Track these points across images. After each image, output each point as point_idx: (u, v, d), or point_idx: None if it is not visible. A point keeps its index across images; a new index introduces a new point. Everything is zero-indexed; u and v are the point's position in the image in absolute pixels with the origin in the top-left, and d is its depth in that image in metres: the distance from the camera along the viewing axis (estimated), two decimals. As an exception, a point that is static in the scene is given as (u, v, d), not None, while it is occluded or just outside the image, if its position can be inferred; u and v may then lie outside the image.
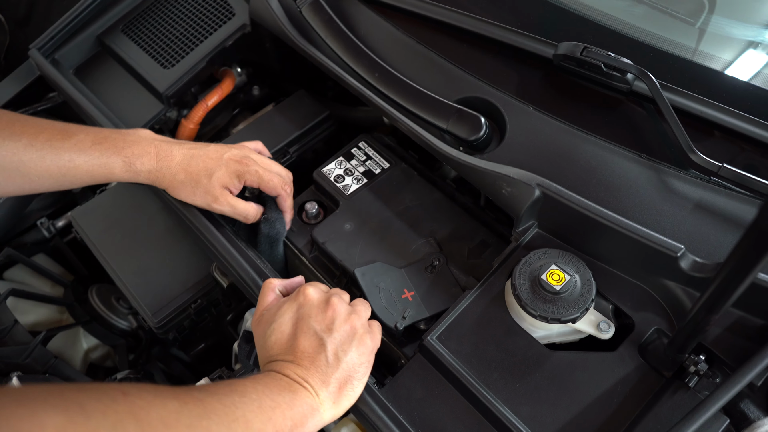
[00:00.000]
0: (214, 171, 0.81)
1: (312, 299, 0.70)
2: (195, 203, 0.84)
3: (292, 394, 0.61)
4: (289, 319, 0.68)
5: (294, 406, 0.60)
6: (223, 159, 0.82)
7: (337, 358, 0.66)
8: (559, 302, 0.70)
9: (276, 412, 0.58)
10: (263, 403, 0.58)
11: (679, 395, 0.67)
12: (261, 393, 0.59)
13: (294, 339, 0.66)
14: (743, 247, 0.40)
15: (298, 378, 0.63)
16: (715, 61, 0.82)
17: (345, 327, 0.69)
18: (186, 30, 1.12)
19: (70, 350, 1.13)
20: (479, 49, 0.91)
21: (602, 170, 0.78)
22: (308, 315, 0.68)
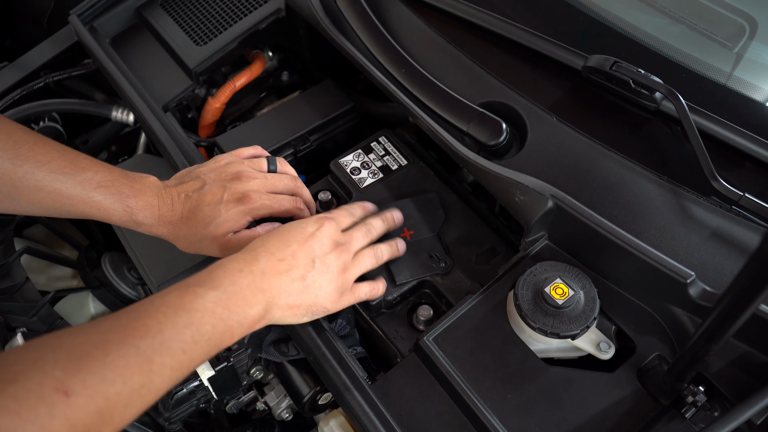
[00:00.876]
0: (214, 219, 0.76)
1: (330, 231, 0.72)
2: (202, 253, 0.80)
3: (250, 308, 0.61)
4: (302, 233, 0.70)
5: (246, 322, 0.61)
6: (222, 203, 0.76)
7: (313, 287, 0.68)
8: (560, 317, 0.69)
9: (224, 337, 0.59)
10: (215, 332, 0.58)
11: (673, 425, 0.65)
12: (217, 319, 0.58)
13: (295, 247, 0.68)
14: (745, 277, 0.38)
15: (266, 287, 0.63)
16: (749, 88, 0.79)
17: (338, 270, 0.70)
18: (222, 9, 1.13)
19: (77, 314, 1.15)
20: (508, 54, 0.90)
21: (620, 188, 0.76)
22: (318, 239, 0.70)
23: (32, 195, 0.66)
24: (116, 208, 0.72)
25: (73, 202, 0.69)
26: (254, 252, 0.66)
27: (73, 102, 1.17)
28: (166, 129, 0.98)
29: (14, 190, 0.66)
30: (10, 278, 1.04)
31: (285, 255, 0.66)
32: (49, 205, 0.68)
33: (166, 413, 0.81)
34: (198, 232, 0.76)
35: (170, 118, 1.06)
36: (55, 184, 0.67)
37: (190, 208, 0.76)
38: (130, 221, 0.74)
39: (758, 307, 0.63)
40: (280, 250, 0.66)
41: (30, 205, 0.68)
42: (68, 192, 0.68)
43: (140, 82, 1.08)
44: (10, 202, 0.67)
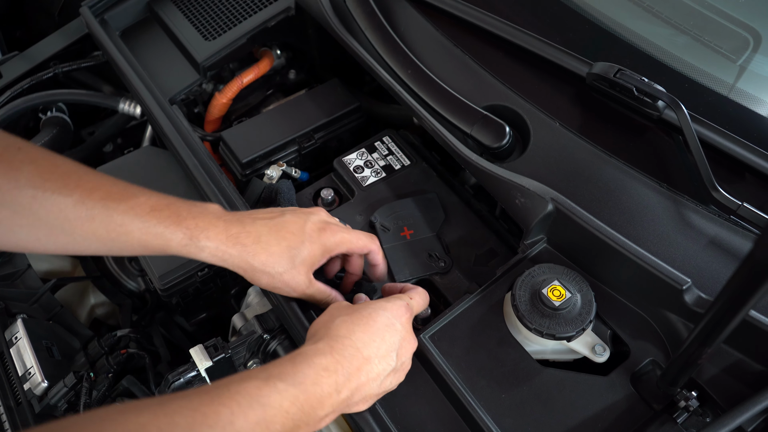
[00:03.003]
0: (298, 252, 0.69)
1: (407, 318, 0.68)
2: (280, 292, 0.73)
3: (322, 408, 0.57)
4: (389, 327, 0.65)
5: (314, 420, 0.57)
6: (305, 232, 0.70)
7: (388, 382, 0.65)
8: (557, 318, 0.69)
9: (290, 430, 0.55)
10: (284, 429, 0.54)
11: (665, 429, 0.66)
12: (289, 418, 0.54)
13: (381, 344, 0.63)
14: (738, 280, 0.39)
15: (348, 388, 0.60)
16: (751, 100, 0.80)
17: (406, 363, 0.68)
18: (232, 6, 1.14)
19: (77, 303, 1.16)
20: (514, 59, 0.91)
21: (620, 194, 0.77)
22: (399, 333, 0.65)
23: (85, 226, 0.61)
24: (174, 232, 0.65)
25: (127, 230, 0.63)
26: (341, 344, 0.61)
27: (81, 93, 1.18)
28: (171, 122, 0.99)
29: (67, 222, 0.61)
30: (12, 265, 1.05)
31: (371, 353, 0.62)
32: (104, 236, 0.62)
33: (163, 402, 0.82)
34: (279, 263, 0.69)
35: (176, 111, 1.07)
36: (107, 211, 0.62)
37: (270, 229, 0.69)
38: (191, 245, 0.66)
39: (751, 315, 0.64)
40: (367, 346, 0.62)
41: (86, 240, 0.63)
42: (120, 219, 0.62)
43: (148, 75, 1.09)
44: (65, 237, 0.62)
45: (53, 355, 0.94)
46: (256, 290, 0.94)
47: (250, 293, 0.94)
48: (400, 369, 0.67)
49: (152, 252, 0.66)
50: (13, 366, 0.90)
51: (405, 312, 0.68)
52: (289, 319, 0.79)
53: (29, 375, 0.88)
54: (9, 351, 0.92)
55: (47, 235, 0.62)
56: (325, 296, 0.75)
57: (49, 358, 0.92)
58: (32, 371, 0.89)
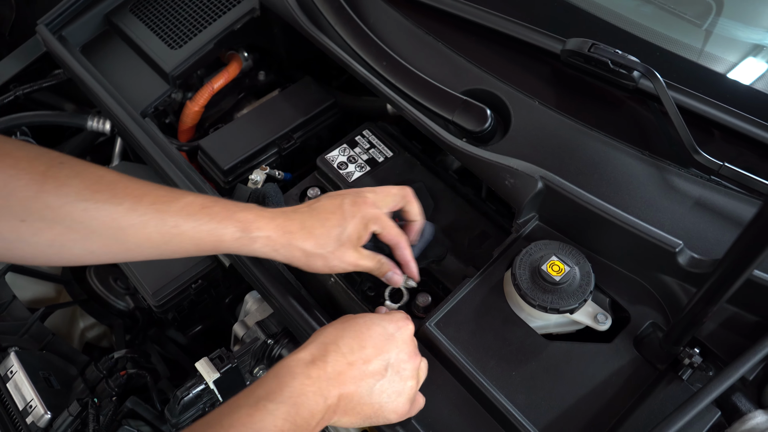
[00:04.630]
0: (343, 230, 0.71)
1: (408, 331, 0.67)
2: (327, 272, 0.75)
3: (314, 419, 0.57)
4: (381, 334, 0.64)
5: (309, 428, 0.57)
6: (344, 209, 0.72)
7: (380, 395, 0.63)
8: (558, 293, 0.71)
9: None
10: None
11: (672, 387, 0.68)
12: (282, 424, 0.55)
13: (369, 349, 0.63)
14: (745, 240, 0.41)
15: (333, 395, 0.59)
16: (720, 62, 0.83)
17: (407, 381, 0.65)
18: (195, 11, 1.12)
19: (67, 328, 1.14)
20: (488, 42, 0.91)
21: (605, 166, 0.79)
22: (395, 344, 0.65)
23: (138, 232, 0.61)
24: (226, 226, 0.66)
25: (181, 230, 0.63)
26: (324, 349, 0.61)
27: (47, 114, 1.15)
28: (148, 135, 0.97)
29: (120, 231, 0.60)
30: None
31: (356, 359, 0.61)
32: (158, 240, 0.63)
33: (174, 419, 0.81)
34: (326, 243, 0.70)
35: (150, 123, 1.05)
36: (159, 215, 0.62)
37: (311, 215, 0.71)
38: (243, 238, 0.67)
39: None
40: (353, 352, 0.62)
41: (139, 247, 0.63)
42: (174, 221, 0.63)
43: (116, 90, 1.07)
44: (119, 246, 0.62)
45: (52, 385, 0.92)
46: (253, 297, 0.93)
47: (247, 300, 0.94)
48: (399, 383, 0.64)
49: (204, 251, 0.67)
50: (12, 401, 0.88)
51: (400, 321, 0.67)
52: (293, 320, 0.79)
53: (30, 408, 0.87)
54: (6, 386, 0.90)
55: (101, 246, 0.61)
56: (376, 262, 0.76)
57: (48, 389, 0.91)
58: (33, 404, 0.87)
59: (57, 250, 0.60)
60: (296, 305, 0.79)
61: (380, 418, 0.65)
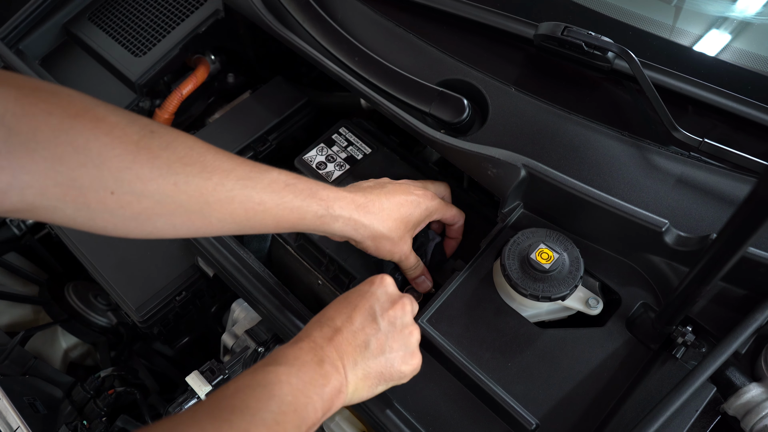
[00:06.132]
0: (412, 217, 0.74)
1: (387, 287, 0.67)
2: (387, 257, 0.76)
3: (323, 380, 0.57)
4: (357, 293, 0.65)
5: (324, 394, 0.57)
6: (413, 196, 0.75)
7: (381, 349, 0.63)
8: (549, 280, 0.71)
9: (309, 409, 0.55)
10: (298, 403, 0.54)
11: (667, 366, 0.68)
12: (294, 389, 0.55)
13: (350, 310, 0.63)
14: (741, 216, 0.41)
15: (333, 358, 0.59)
16: (691, 38, 0.83)
17: (403, 329, 0.65)
18: (157, 16, 1.09)
19: (49, 350, 1.11)
20: (459, 31, 0.90)
21: (585, 149, 0.79)
22: (376, 297, 0.65)
23: (224, 207, 0.60)
24: (310, 204, 0.66)
25: (265, 207, 0.63)
26: (306, 332, 0.62)
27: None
28: (118, 147, 0.94)
29: (206, 206, 0.59)
30: (-28, 325, 0.99)
31: (341, 323, 0.62)
32: (241, 216, 0.62)
33: (167, 436, 0.79)
34: (404, 227, 0.74)
35: (119, 135, 1.02)
36: (245, 191, 0.61)
37: (387, 197, 0.73)
38: (326, 216, 0.68)
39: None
40: (334, 319, 0.63)
41: (221, 222, 0.62)
42: (259, 197, 0.62)
43: (81, 102, 1.04)
44: (202, 220, 0.60)
45: (38, 410, 0.90)
46: (240, 305, 0.92)
47: (234, 309, 0.92)
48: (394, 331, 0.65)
49: (283, 228, 0.67)
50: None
51: (381, 278, 0.67)
52: (282, 326, 0.78)
53: (17, 436, 0.84)
54: (-10, 416, 0.87)
55: (184, 221, 0.59)
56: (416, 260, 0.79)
57: (34, 414, 0.88)
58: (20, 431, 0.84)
59: (140, 223, 0.57)
60: (284, 310, 0.78)
61: (395, 373, 0.64)
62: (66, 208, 0.52)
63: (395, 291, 0.68)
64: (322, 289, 0.86)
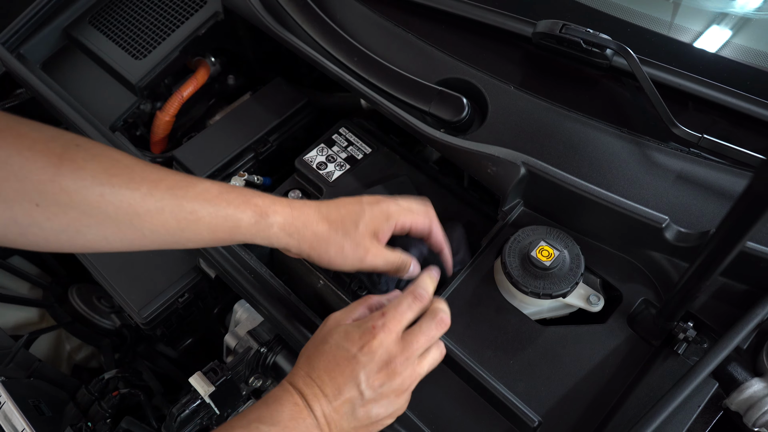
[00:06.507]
0: (360, 216, 0.70)
1: (374, 352, 0.61)
2: (343, 265, 0.71)
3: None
4: (344, 356, 0.62)
5: None
6: (363, 201, 0.71)
7: (368, 416, 0.62)
8: (550, 278, 0.71)
9: None
10: None
11: (669, 362, 0.68)
12: None
13: (337, 375, 0.61)
14: (738, 211, 0.41)
15: (322, 423, 0.60)
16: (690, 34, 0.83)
17: (390, 394, 0.62)
18: (157, 19, 1.09)
19: (53, 353, 1.11)
20: (458, 30, 0.91)
21: (585, 146, 0.79)
22: (362, 364, 0.61)
23: (154, 219, 0.60)
24: (244, 211, 0.65)
25: (198, 217, 0.62)
26: (304, 380, 0.61)
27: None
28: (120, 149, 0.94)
29: (136, 217, 0.59)
30: (-24, 328, 0.99)
31: (329, 391, 0.61)
32: (174, 227, 0.61)
33: (172, 437, 0.80)
34: (342, 230, 0.69)
35: (120, 137, 1.02)
36: (176, 200, 0.60)
37: (328, 203, 0.71)
38: (261, 222, 0.66)
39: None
40: (322, 379, 0.61)
41: (154, 233, 0.61)
42: (191, 206, 0.61)
43: (82, 105, 1.04)
44: (133, 232, 0.60)
45: (43, 413, 0.90)
46: (242, 306, 0.92)
47: (236, 310, 0.93)
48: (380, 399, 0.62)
49: (220, 239, 0.65)
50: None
51: (363, 336, 0.62)
52: (284, 327, 0.78)
53: (23, 438, 0.85)
54: (-5, 418, 0.87)
55: (115, 232, 0.59)
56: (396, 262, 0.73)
57: (39, 417, 0.88)
58: (25, 434, 0.85)
59: (71, 236, 0.57)
60: (286, 311, 0.78)
61: (377, 426, 0.64)
62: None
63: (385, 353, 0.62)
64: (323, 290, 0.86)
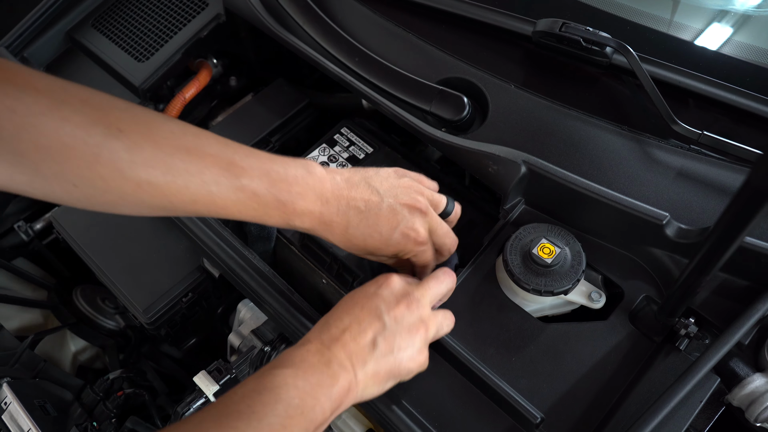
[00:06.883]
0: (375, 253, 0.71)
1: (392, 286, 0.66)
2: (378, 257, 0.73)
3: (331, 380, 0.58)
4: (362, 293, 0.66)
5: (332, 395, 0.58)
6: (392, 239, 0.70)
7: (390, 348, 0.63)
8: (551, 275, 0.71)
9: (317, 410, 0.56)
10: (305, 405, 0.55)
11: (670, 358, 0.69)
12: (301, 391, 0.55)
13: (357, 310, 0.64)
14: (736, 205, 0.41)
15: (341, 358, 0.60)
16: (689, 31, 0.83)
17: (410, 327, 0.65)
18: (159, 22, 1.10)
19: (58, 353, 1.12)
20: (458, 30, 0.91)
21: (585, 144, 0.79)
22: (382, 297, 0.65)
23: (187, 208, 0.61)
24: (272, 215, 0.66)
25: (229, 212, 0.64)
26: (320, 328, 0.63)
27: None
28: (123, 152, 0.95)
29: (170, 204, 0.60)
30: (-18, 329, 1.00)
31: (349, 323, 0.63)
32: (204, 213, 0.64)
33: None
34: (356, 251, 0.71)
35: (124, 139, 1.03)
36: (210, 196, 0.61)
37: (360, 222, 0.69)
38: (287, 225, 0.68)
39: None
40: (341, 319, 0.63)
41: (185, 214, 0.64)
42: (223, 203, 0.62)
43: (85, 108, 1.05)
44: (166, 213, 0.62)
45: (48, 413, 0.91)
46: (246, 305, 0.93)
47: (240, 309, 0.93)
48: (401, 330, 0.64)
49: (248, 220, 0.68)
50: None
51: (386, 277, 0.67)
52: (288, 325, 0.79)
53: (29, 438, 0.85)
54: (1, 419, 0.88)
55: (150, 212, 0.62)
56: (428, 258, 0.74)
57: (45, 417, 0.89)
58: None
59: (107, 209, 0.60)
60: (291, 310, 0.79)
61: (403, 371, 0.65)
62: (35, 192, 0.56)
63: (402, 289, 0.67)
64: (326, 288, 0.86)
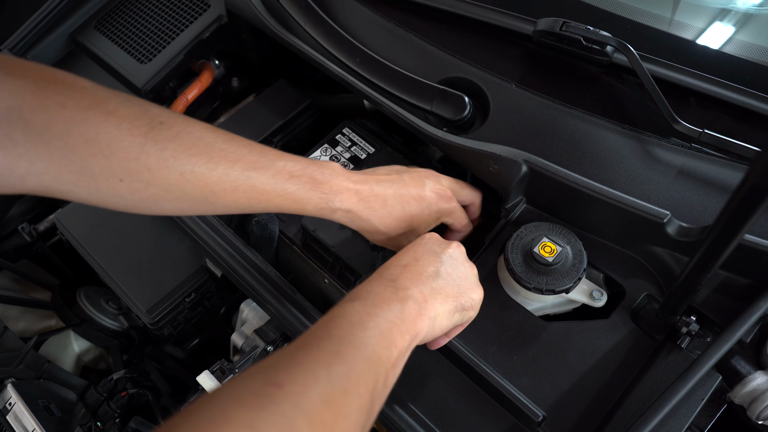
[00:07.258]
0: (418, 216, 0.75)
1: (435, 237, 0.70)
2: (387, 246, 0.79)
3: (401, 303, 0.59)
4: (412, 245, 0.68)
5: (405, 317, 0.58)
6: (425, 198, 0.76)
7: (450, 276, 0.65)
8: (553, 273, 0.71)
9: (394, 332, 0.56)
10: (382, 328, 0.55)
11: (672, 356, 0.69)
12: (375, 317, 0.56)
13: (412, 252, 0.66)
14: (736, 202, 0.41)
15: (407, 286, 0.61)
16: (690, 30, 0.83)
17: (465, 261, 0.68)
18: (161, 23, 1.10)
19: (62, 354, 1.12)
20: (459, 29, 0.91)
21: (586, 143, 0.79)
22: (432, 241, 0.68)
23: (228, 196, 0.64)
24: (311, 198, 0.69)
25: (268, 197, 0.66)
26: (379, 271, 0.65)
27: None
28: (126, 153, 0.96)
29: (211, 194, 0.63)
30: (-14, 330, 1.01)
31: (407, 261, 0.65)
32: (244, 203, 0.66)
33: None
34: (399, 225, 0.74)
35: (126, 141, 1.03)
36: (250, 181, 0.64)
37: (394, 192, 0.74)
38: (326, 208, 0.71)
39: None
40: (400, 259, 0.66)
41: (225, 207, 0.66)
42: (263, 188, 0.65)
43: (88, 110, 1.05)
44: (207, 205, 0.65)
45: (53, 413, 0.91)
46: (249, 305, 0.93)
47: (242, 309, 0.93)
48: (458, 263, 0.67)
49: (287, 212, 0.70)
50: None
51: (427, 236, 0.70)
52: (291, 325, 0.79)
53: (33, 438, 0.86)
54: (6, 419, 0.88)
55: (190, 206, 0.64)
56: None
57: (49, 417, 0.90)
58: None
59: (149, 205, 0.62)
60: (293, 309, 0.79)
61: (467, 300, 0.66)
62: (80, 192, 0.57)
63: (443, 238, 0.70)
64: (328, 288, 0.87)
